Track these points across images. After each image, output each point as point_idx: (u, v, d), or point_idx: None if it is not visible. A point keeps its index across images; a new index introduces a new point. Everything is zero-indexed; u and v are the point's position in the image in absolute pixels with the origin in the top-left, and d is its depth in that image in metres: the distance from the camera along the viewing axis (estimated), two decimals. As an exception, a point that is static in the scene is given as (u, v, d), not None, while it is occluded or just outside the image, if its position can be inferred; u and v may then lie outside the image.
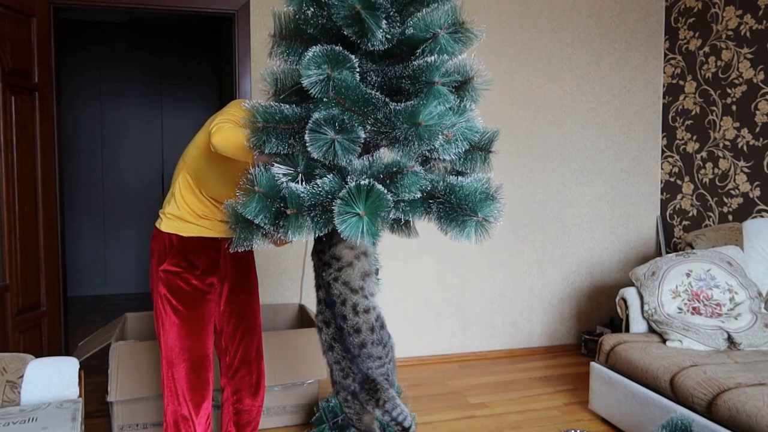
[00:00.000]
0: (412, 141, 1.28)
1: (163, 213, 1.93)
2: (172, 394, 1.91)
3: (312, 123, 1.28)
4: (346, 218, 1.22)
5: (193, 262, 1.90)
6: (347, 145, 1.27)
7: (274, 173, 1.33)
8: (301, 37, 1.41)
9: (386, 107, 1.31)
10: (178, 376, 1.90)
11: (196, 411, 1.93)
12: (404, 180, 1.29)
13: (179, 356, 1.90)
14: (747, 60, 3.46)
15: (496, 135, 1.51)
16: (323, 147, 1.27)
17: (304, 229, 1.29)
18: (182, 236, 1.89)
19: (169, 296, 1.89)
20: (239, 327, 2.07)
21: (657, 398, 2.43)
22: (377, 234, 1.25)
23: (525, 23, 3.79)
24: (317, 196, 1.28)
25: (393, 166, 1.29)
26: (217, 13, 3.36)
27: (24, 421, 1.70)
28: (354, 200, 1.23)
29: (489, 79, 1.46)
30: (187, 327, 1.90)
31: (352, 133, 1.27)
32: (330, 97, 1.30)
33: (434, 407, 3.01)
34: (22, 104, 2.85)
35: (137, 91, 5.76)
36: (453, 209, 1.32)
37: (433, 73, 1.31)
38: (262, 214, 1.32)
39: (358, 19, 1.30)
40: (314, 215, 1.28)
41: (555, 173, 3.92)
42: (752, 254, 2.93)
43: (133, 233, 5.82)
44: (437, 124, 1.28)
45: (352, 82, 1.30)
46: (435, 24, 1.34)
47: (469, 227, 1.31)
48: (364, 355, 1.60)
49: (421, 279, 3.71)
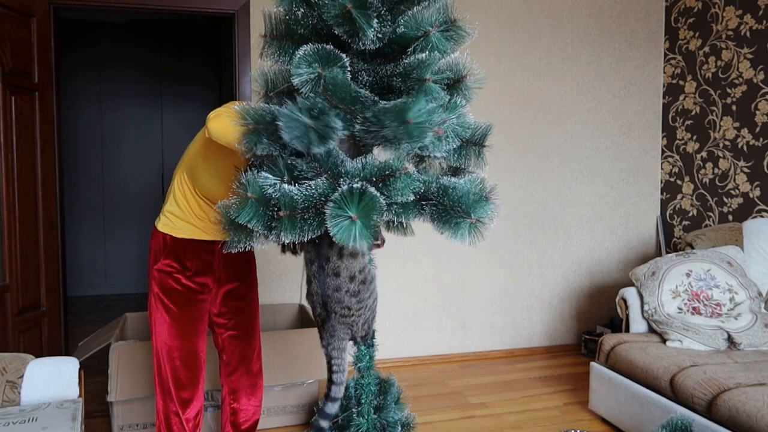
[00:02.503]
0: (401, 139, 1.27)
1: (162, 212, 1.94)
2: (162, 391, 1.94)
3: (287, 110, 1.27)
4: (339, 221, 1.22)
5: (185, 263, 1.91)
6: (323, 130, 1.26)
7: (263, 179, 1.33)
8: (292, 38, 1.40)
9: (375, 106, 1.30)
10: (169, 373, 1.92)
11: (184, 408, 1.95)
12: (397, 183, 1.28)
13: (169, 354, 1.92)
14: (747, 60, 3.46)
15: (489, 129, 1.50)
16: (297, 133, 1.26)
17: (296, 232, 1.29)
18: (175, 237, 1.90)
19: (161, 295, 1.90)
20: (236, 327, 2.07)
21: (657, 398, 2.43)
22: (370, 237, 1.24)
23: (525, 23, 3.79)
24: (310, 198, 1.27)
25: (385, 168, 1.28)
26: (217, 13, 3.36)
27: (24, 421, 1.70)
28: (346, 203, 1.22)
29: (482, 78, 1.46)
30: (177, 326, 1.91)
31: (327, 119, 1.25)
32: (318, 93, 1.29)
33: (434, 407, 3.00)
34: (22, 104, 2.85)
35: (137, 91, 5.76)
36: (446, 211, 1.32)
37: (424, 70, 1.31)
38: (255, 219, 1.32)
39: (349, 18, 1.29)
40: (307, 217, 1.28)
41: (555, 173, 3.92)
42: (752, 254, 2.93)
43: (133, 233, 5.82)
44: (426, 121, 1.27)
45: (341, 80, 1.29)
46: (426, 22, 1.33)
47: (463, 229, 1.31)
48: (334, 299, 1.61)
49: (421, 279, 3.71)
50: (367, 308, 1.68)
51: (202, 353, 1.98)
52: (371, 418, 2.17)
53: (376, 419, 2.20)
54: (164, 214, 1.93)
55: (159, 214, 1.96)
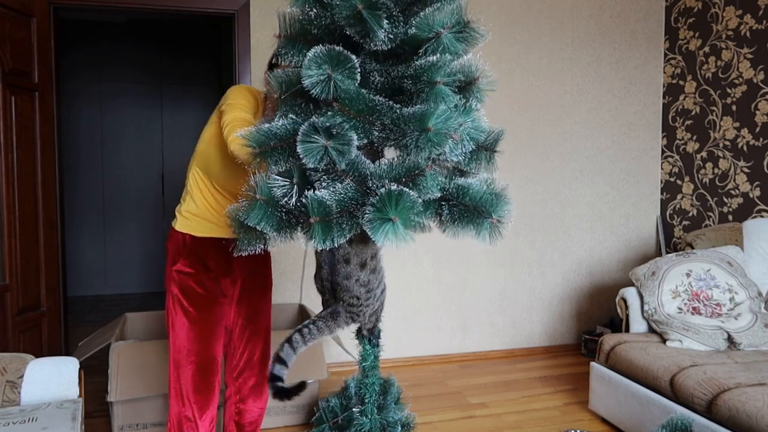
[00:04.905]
0: (423, 146, 1.28)
1: (179, 211, 1.92)
2: (177, 395, 1.91)
3: (301, 135, 1.27)
4: (378, 224, 1.22)
5: (206, 263, 1.88)
6: (341, 148, 1.26)
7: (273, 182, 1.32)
8: (306, 38, 1.40)
9: (392, 112, 1.30)
10: (184, 377, 1.89)
11: (200, 414, 1.91)
12: (426, 181, 1.28)
13: (186, 358, 1.89)
14: (747, 60, 3.46)
15: (501, 134, 1.51)
16: (317, 155, 1.27)
17: (330, 237, 1.27)
18: (195, 236, 1.87)
19: (180, 297, 1.88)
20: (246, 329, 2.05)
21: (657, 398, 2.43)
22: (410, 237, 1.24)
23: (525, 23, 3.79)
24: (343, 203, 1.27)
25: (414, 167, 1.29)
26: (217, 13, 3.36)
27: (24, 421, 1.70)
28: (385, 206, 1.22)
29: (494, 80, 1.46)
30: (196, 329, 1.88)
31: (344, 136, 1.26)
32: (334, 107, 1.29)
33: (434, 407, 3.00)
34: (22, 104, 2.85)
35: (137, 91, 5.76)
36: (467, 210, 1.32)
37: (435, 72, 1.31)
38: (265, 221, 1.32)
39: (360, 19, 1.29)
40: (341, 222, 1.27)
41: (555, 173, 3.92)
42: (752, 254, 2.93)
43: (133, 233, 5.82)
44: (445, 127, 1.28)
45: (354, 92, 1.29)
46: (438, 23, 1.33)
47: (485, 229, 1.31)
48: (344, 287, 1.59)
49: (421, 279, 3.71)
50: (376, 299, 1.66)
51: (219, 357, 1.95)
52: (374, 417, 2.17)
53: (378, 419, 2.20)
54: (181, 213, 1.90)
55: (174, 213, 1.94)
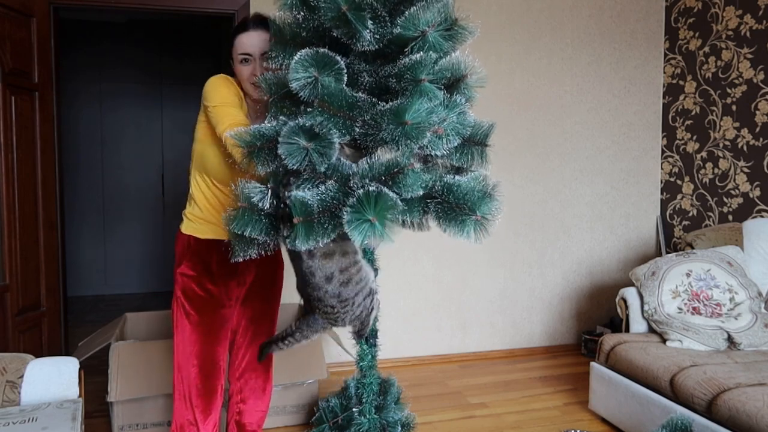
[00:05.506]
0: (400, 140, 1.28)
1: (184, 214, 1.92)
2: (180, 398, 1.90)
3: (282, 137, 1.27)
4: (358, 225, 1.22)
5: (210, 265, 1.87)
6: (323, 150, 1.26)
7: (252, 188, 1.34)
8: (295, 41, 1.41)
9: (373, 108, 1.30)
10: (187, 380, 1.88)
11: (202, 417, 1.90)
12: (406, 179, 1.28)
13: (188, 361, 1.88)
14: (747, 60, 3.46)
15: (491, 128, 1.49)
16: (299, 157, 1.27)
17: (312, 237, 1.27)
18: (199, 238, 1.87)
19: (182, 300, 1.87)
20: (250, 330, 2.04)
21: (657, 398, 2.43)
22: (390, 237, 1.24)
23: (525, 23, 3.79)
24: (325, 202, 1.27)
25: (393, 166, 1.29)
26: (217, 13, 3.36)
27: (24, 421, 1.70)
28: (364, 206, 1.22)
29: (483, 76, 1.45)
30: (198, 332, 1.87)
31: (325, 137, 1.26)
32: (316, 107, 1.30)
33: (434, 407, 3.00)
34: (22, 104, 2.85)
35: (137, 91, 5.76)
36: (451, 208, 1.32)
37: (418, 70, 1.31)
38: (251, 227, 1.32)
39: (345, 21, 1.30)
40: (323, 221, 1.28)
41: (555, 173, 3.92)
42: (752, 254, 2.93)
43: (133, 233, 5.82)
44: (424, 121, 1.27)
45: (335, 88, 1.29)
46: (423, 22, 1.33)
47: (468, 226, 1.31)
48: (315, 297, 1.55)
49: (421, 279, 3.71)
50: (356, 305, 1.60)
51: (222, 361, 1.93)
52: (373, 417, 2.17)
53: (377, 419, 2.20)
54: (186, 216, 1.91)
55: (181, 218, 1.94)
